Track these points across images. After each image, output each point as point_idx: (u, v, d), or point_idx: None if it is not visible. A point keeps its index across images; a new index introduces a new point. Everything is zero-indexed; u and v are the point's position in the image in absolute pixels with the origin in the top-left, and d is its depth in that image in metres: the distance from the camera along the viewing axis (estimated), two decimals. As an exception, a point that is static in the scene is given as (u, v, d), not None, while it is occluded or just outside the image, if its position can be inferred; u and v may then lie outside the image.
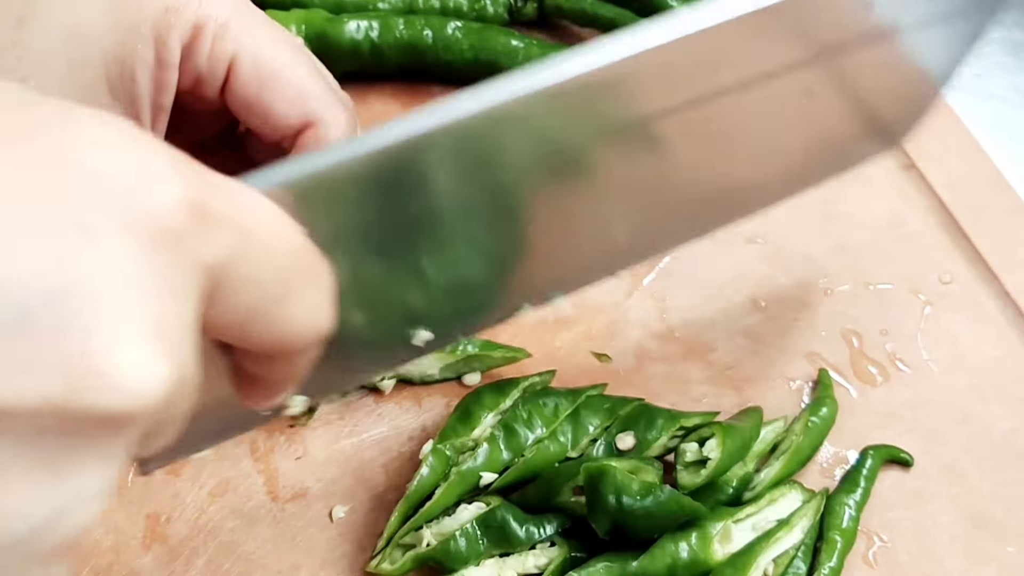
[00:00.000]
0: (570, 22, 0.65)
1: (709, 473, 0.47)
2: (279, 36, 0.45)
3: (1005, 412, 0.54)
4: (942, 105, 0.64)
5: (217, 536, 0.49)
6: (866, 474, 0.51)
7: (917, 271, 0.59)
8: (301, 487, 0.51)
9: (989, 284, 0.59)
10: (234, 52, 0.43)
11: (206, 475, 0.51)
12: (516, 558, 0.47)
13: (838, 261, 0.59)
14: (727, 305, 0.57)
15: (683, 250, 0.58)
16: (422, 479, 0.48)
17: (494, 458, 0.49)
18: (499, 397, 0.51)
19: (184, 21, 0.42)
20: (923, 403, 0.55)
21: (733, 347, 0.56)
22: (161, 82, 0.43)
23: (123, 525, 0.49)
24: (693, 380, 0.55)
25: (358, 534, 0.50)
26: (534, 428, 0.50)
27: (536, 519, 0.48)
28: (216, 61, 0.43)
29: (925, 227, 0.60)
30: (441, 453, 0.49)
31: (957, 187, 0.62)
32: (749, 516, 0.49)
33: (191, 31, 0.42)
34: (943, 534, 0.51)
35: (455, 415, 0.50)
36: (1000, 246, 0.60)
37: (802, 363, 0.56)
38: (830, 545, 0.49)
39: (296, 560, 0.49)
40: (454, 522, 0.47)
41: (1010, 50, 0.71)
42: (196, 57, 0.43)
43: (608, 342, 0.56)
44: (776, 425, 0.52)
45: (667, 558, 0.46)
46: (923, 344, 0.56)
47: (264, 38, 0.44)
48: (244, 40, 0.43)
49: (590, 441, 0.51)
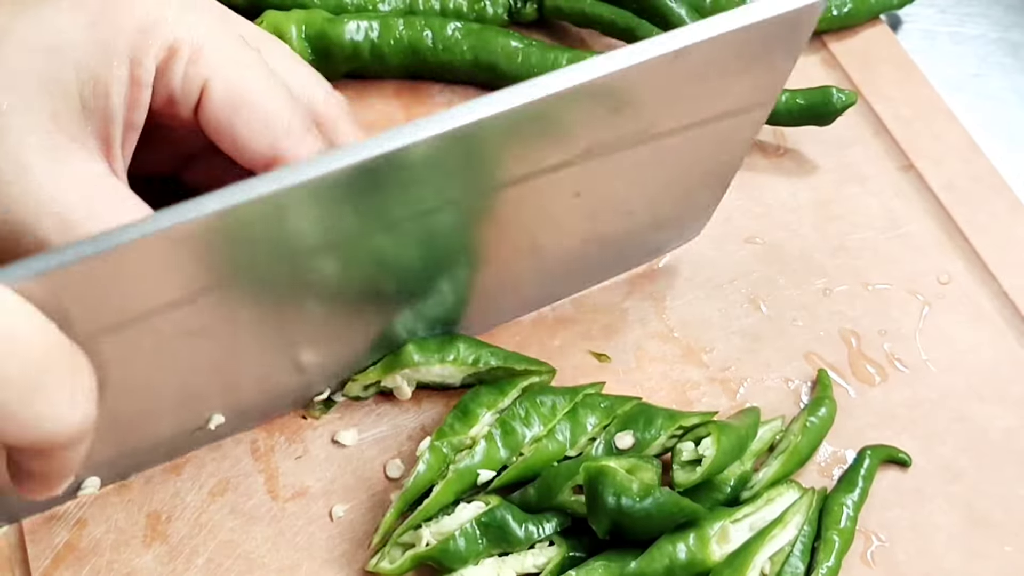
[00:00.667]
0: (570, 23, 0.65)
1: (704, 471, 0.47)
2: (254, 64, 0.45)
3: (1003, 412, 0.55)
4: (941, 106, 0.65)
5: (217, 535, 0.49)
6: (864, 474, 0.51)
7: (915, 271, 0.59)
8: (301, 486, 0.51)
9: (987, 284, 0.59)
10: (207, 76, 0.43)
11: (206, 474, 0.51)
12: (515, 557, 0.48)
13: (836, 261, 0.59)
14: (725, 305, 0.58)
15: (682, 250, 0.59)
16: (418, 476, 0.48)
17: (492, 456, 0.49)
18: (498, 396, 0.51)
19: (159, 42, 0.42)
20: (921, 403, 0.55)
21: (731, 347, 0.56)
22: (134, 100, 0.43)
23: (123, 524, 0.49)
24: (691, 380, 0.55)
25: (358, 533, 0.50)
26: (532, 426, 0.50)
27: (535, 518, 0.48)
28: (189, 83, 0.43)
29: (923, 227, 0.61)
30: (438, 451, 0.49)
31: (955, 187, 0.62)
32: (747, 516, 0.49)
33: (165, 52, 0.42)
34: (941, 534, 0.51)
35: (453, 413, 0.50)
36: (998, 246, 0.60)
37: (800, 363, 0.56)
38: (828, 545, 0.49)
39: (296, 559, 0.49)
40: (453, 522, 0.47)
41: (1008, 51, 0.71)
42: (170, 78, 0.43)
43: (607, 342, 0.56)
44: (774, 425, 0.52)
45: (665, 559, 0.46)
46: (921, 344, 0.57)
47: (239, 65, 0.44)
48: (217, 65, 0.43)
49: (589, 440, 0.51)
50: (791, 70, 0.46)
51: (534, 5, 0.65)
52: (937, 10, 0.72)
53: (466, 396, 0.51)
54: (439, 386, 0.53)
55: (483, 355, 0.52)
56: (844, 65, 0.66)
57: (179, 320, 0.40)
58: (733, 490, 0.50)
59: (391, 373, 0.51)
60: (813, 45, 0.66)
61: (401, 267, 0.46)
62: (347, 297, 0.46)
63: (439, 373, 0.52)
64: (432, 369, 0.51)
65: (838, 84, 0.65)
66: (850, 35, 0.67)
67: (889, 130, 0.64)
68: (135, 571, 0.48)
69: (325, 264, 0.43)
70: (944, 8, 0.73)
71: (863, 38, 0.67)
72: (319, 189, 0.37)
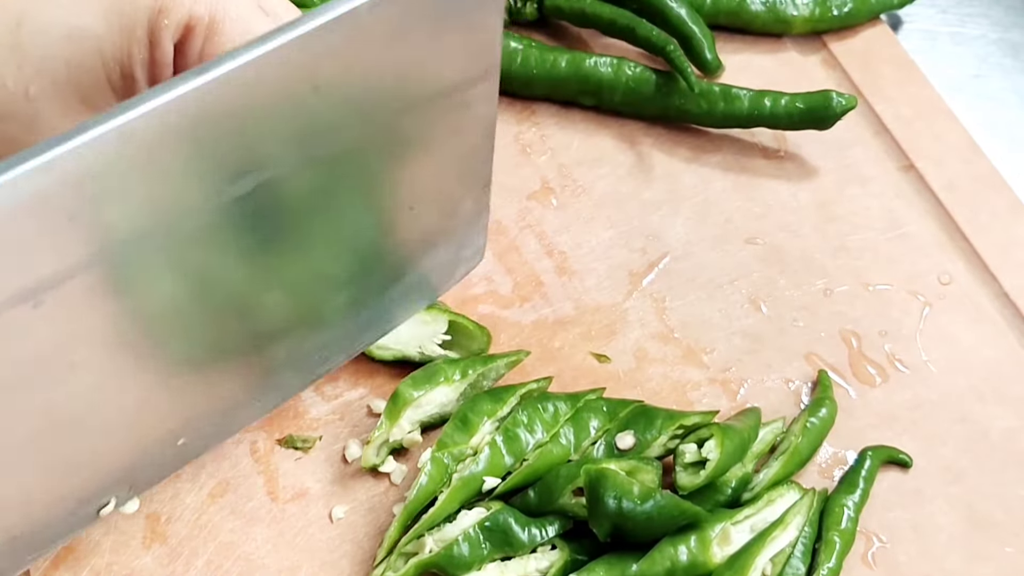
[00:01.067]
0: (570, 23, 0.65)
1: (708, 474, 0.47)
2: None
3: (1004, 412, 0.55)
4: (941, 106, 0.65)
5: (217, 536, 0.49)
6: (865, 475, 0.51)
7: (916, 272, 0.59)
8: (301, 487, 0.51)
9: (988, 285, 0.59)
10: (223, 52, 0.43)
11: (206, 475, 0.51)
12: (517, 561, 0.47)
13: (837, 262, 0.59)
14: (726, 306, 0.57)
15: (683, 250, 0.59)
16: (421, 488, 0.48)
17: (496, 463, 0.49)
18: (497, 404, 0.51)
19: (175, 22, 0.42)
20: (922, 404, 0.55)
21: (732, 348, 0.56)
22: (154, 81, 0.43)
23: (123, 525, 0.49)
24: (692, 380, 0.55)
25: (358, 534, 0.50)
26: (535, 432, 0.50)
27: (538, 522, 0.48)
28: (208, 59, 0.43)
29: (924, 228, 0.61)
30: (439, 462, 0.49)
31: (956, 188, 0.62)
32: (747, 518, 0.49)
33: (182, 31, 0.43)
34: (942, 534, 0.51)
35: (453, 423, 0.50)
36: (999, 247, 0.60)
37: (801, 364, 0.56)
38: (829, 546, 0.49)
39: (296, 560, 0.49)
40: (456, 528, 0.47)
41: (1008, 51, 0.71)
42: (188, 55, 0.43)
43: (607, 343, 0.56)
44: (775, 426, 0.52)
45: (666, 561, 0.46)
46: (922, 345, 0.57)
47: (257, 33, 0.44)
48: (233, 39, 0.43)
49: (591, 443, 0.51)
50: (501, 29, 0.44)
51: (534, 5, 0.65)
52: (938, 10, 0.72)
53: (465, 405, 0.51)
54: (441, 421, 0.52)
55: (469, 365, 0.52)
56: (844, 65, 0.66)
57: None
58: (734, 491, 0.50)
59: (396, 420, 0.50)
60: (813, 45, 0.66)
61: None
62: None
63: (439, 401, 0.52)
64: (431, 397, 0.51)
65: (838, 84, 0.65)
66: (850, 35, 0.67)
67: (889, 130, 0.64)
68: (135, 572, 0.48)
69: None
70: (945, 8, 0.73)
71: (863, 38, 0.67)
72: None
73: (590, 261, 0.58)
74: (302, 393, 0.53)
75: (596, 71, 0.62)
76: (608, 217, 0.60)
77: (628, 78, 0.62)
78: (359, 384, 0.54)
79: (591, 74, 0.62)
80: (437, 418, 0.52)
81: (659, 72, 0.62)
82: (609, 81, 0.62)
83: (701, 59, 0.63)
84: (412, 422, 0.51)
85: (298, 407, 0.53)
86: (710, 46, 0.63)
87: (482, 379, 0.52)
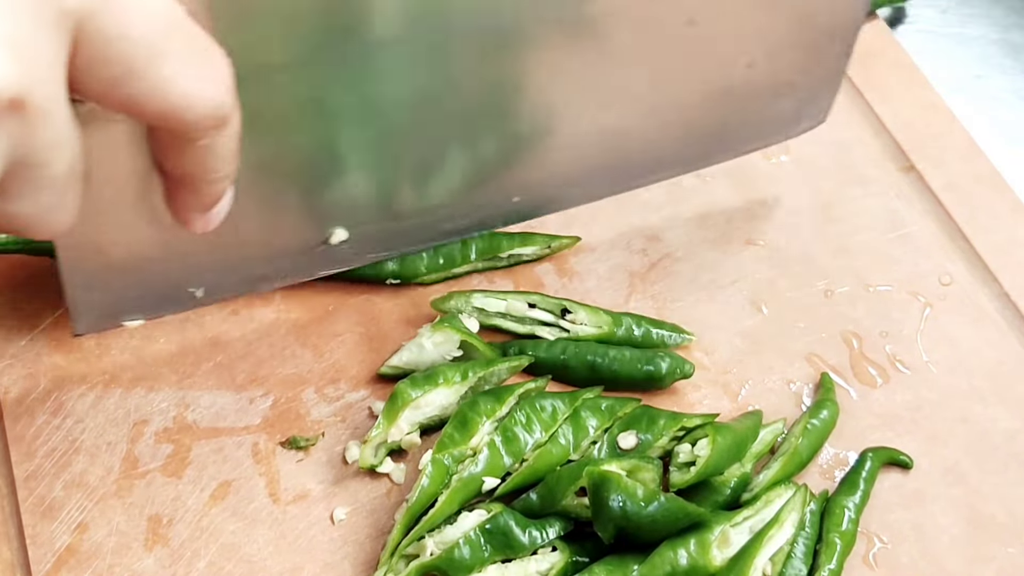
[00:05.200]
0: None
1: (698, 472, 0.47)
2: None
3: (1005, 413, 0.55)
4: (942, 106, 0.65)
5: (218, 538, 0.49)
6: (866, 476, 0.51)
7: (917, 273, 0.59)
8: (302, 489, 0.51)
9: (989, 285, 0.59)
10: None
11: (207, 477, 0.51)
12: (518, 564, 0.47)
13: (838, 263, 0.59)
14: (727, 307, 0.57)
15: (683, 250, 0.59)
16: (422, 490, 0.48)
17: (495, 463, 0.49)
18: (496, 404, 0.51)
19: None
20: (923, 405, 0.55)
21: (733, 349, 0.56)
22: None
23: (124, 527, 0.49)
24: (692, 382, 0.55)
25: (359, 536, 0.50)
26: (533, 432, 0.50)
27: (539, 523, 0.48)
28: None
29: (924, 229, 0.61)
30: (440, 463, 0.49)
31: (956, 188, 0.62)
32: (747, 519, 0.49)
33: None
34: (943, 535, 0.51)
35: (452, 424, 0.50)
36: (999, 247, 0.60)
37: (802, 365, 0.56)
38: (830, 547, 0.49)
39: (297, 562, 0.49)
40: (456, 530, 0.47)
41: (1008, 52, 0.71)
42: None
43: (608, 344, 0.56)
44: (776, 427, 0.52)
45: (667, 565, 0.46)
46: (923, 346, 0.57)
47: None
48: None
49: (591, 443, 0.51)
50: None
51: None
52: (938, 11, 0.72)
53: (464, 406, 0.51)
54: (440, 424, 0.52)
55: (470, 368, 0.52)
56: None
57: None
58: (733, 492, 0.50)
59: (395, 421, 0.51)
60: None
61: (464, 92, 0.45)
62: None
63: (439, 403, 0.51)
64: (431, 399, 0.51)
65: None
66: (851, 36, 0.67)
67: (890, 131, 0.64)
68: (136, 574, 0.48)
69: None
70: (945, 9, 0.73)
71: (864, 39, 0.67)
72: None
73: (591, 262, 0.58)
74: (303, 394, 0.53)
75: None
76: (608, 218, 0.60)
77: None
78: (360, 386, 0.54)
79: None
80: (436, 421, 0.52)
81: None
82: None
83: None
84: (411, 423, 0.51)
85: (299, 408, 0.53)
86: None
87: (483, 383, 0.52)
